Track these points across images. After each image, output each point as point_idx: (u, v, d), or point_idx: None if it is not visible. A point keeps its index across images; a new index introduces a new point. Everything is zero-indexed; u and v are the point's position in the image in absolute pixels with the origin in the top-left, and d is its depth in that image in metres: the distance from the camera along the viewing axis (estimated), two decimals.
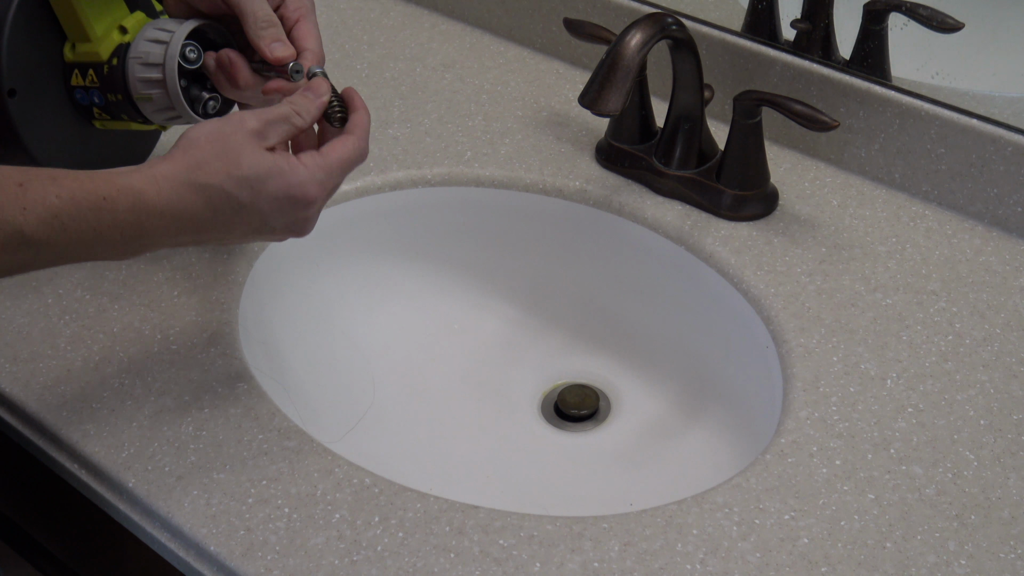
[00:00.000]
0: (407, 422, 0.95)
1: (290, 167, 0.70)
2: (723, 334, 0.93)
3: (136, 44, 0.82)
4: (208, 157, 0.69)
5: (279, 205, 0.71)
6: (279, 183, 0.70)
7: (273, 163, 0.70)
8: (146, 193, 0.67)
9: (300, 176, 0.71)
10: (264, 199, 0.70)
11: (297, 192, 0.70)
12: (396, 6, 1.24)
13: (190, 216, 0.69)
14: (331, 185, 0.73)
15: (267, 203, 0.70)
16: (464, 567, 0.69)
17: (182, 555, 0.72)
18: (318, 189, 0.71)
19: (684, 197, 0.97)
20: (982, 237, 0.94)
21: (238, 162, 0.69)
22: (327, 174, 0.72)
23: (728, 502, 0.73)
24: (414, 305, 1.03)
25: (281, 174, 0.70)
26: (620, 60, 0.85)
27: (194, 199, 0.68)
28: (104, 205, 0.66)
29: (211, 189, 0.68)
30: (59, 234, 0.65)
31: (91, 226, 0.66)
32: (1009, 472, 0.75)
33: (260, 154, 0.70)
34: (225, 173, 0.69)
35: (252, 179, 0.69)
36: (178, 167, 0.69)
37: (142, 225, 0.68)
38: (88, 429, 0.78)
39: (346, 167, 0.73)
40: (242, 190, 0.69)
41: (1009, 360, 0.83)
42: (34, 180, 0.65)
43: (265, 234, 0.73)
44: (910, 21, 0.96)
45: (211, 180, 0.68)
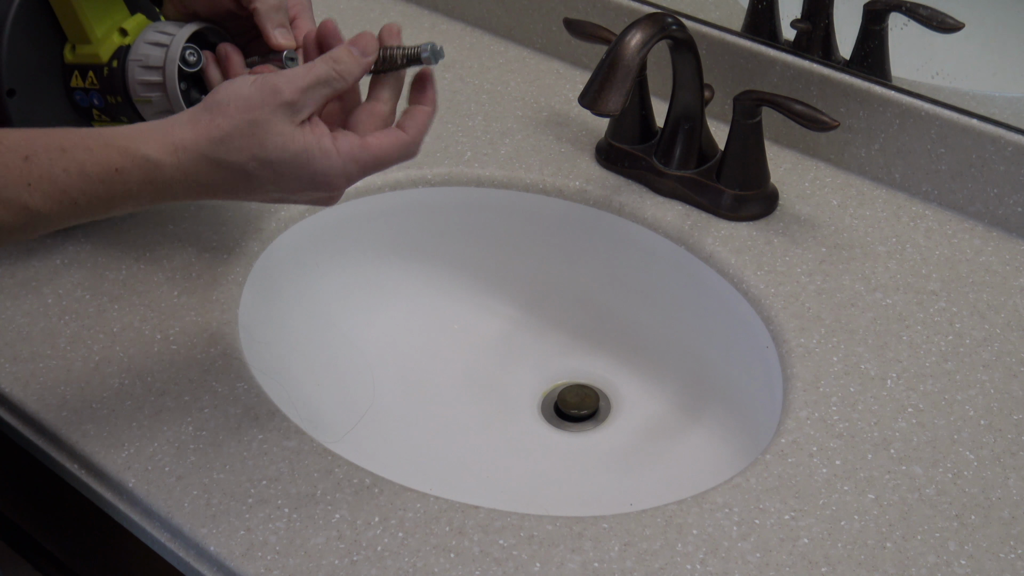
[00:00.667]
0: (407, 422, 0.95)
1: (321, 153, 0.66)
2: (723, 334, 0.93)
3: (136, 46, 0.82)
4: (233, 132, 0.64)
5: (301, 187, 0.67)
6: (304, 170, 0.66)
7: (303, 148, 0.65)
8: (163, 165, 0.64)
9: (329, 165, 0.66)
10: (286, 181, 0.66)
11: (321, 180, 0.66)
12: (396, 6, 1.24)
13: (205, 185, 0.65)
14: (360, 178, 0.68)
15: (289, 184, 0.66)
16: (464, 567, 0.69)
17: (182, 555, 0.72)
18: (344, 182, 0.67)
19: (684, 197, 0.97)
20: (982, 237, 0.94)
21: (264, 143, 0.65)
22: (360, 168, 0.67)
23: (728, 502, 0.73)
24: (414, 305, 1.03)
25: (309, 161, 0.65)
26: (620, 60, 0.85)
27: (212, 173, 0.65)
28: (116, 177, 0.63)
29: (232, 167, 0.65)
30: (68, 208, 0.63)
31: (101, 198, 0.63)
32: (1009, 472, 0.75)
33: (289, 135, 0.65)
34: (249, 154, 0.65)
35: (276, 163, 0.65)
36: (200, 137, 0.64)
37: (154, 196, 0.65)
38: (88, 429, 0.78)
39: (385, 164, 0.68)
40: (264, 171, 0.65)
41: (1009, 360, 0.83)
42: (41, 153, 0.62)
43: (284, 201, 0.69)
44: (910, 21, 0.96)
45: (233, 158, 0.65)
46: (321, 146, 0.66)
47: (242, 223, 0.94)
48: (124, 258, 0.91)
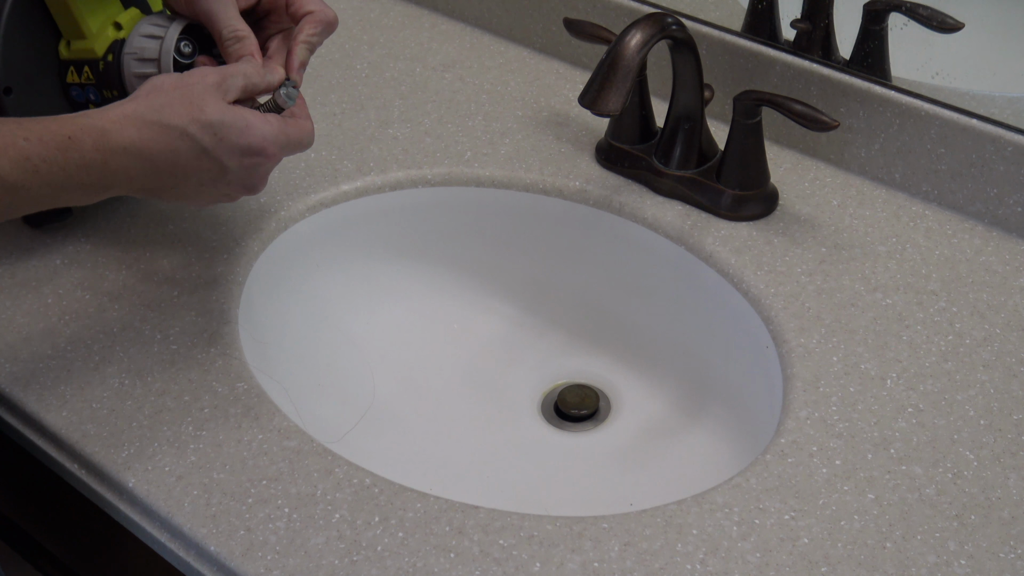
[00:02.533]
0: (407, 422, 0.95)
1: (255, 120, 0.72)
2: (723, 334, 0.93)
3: (131, 40, 0.82)
4: (173, 100, 0.70)
5: (239, 154, 0.72)
6: (242, 133, 0.72)
7: (238, 114, 0.72)
8: (110, 132, 0.68)
9: (262, 131, 0.73)
10: (225, 146, 0.71)
11: (257, 143, 0.73)
12: (396, 6, 1.24)
13: (150, 155, 0.70)
14: (285, 153, 0.75)
15: (227, 150, 0.72)
16: (464, 567, 0.69)
17: (182, 555, 0.72)
18: (276, 148, 0.74)
19: (684, 197, 0.97)
20: (982, 237, 0.94)
21: (202, 107, 0.71)
22: (287, 140, 0.74)
23: (728, 502, 0.73)
24: (414, 305, 1.03)
25: (246, 126, 0.72)
26: (620, 60, 0.85)
27: (156, 137, 0.70)
28: (70, 144, 0.67)
29: (175, 130, 0.70)
30: (31, 176, 0.66)
31: (60, 166, 0.67)
32: (1009, 472, 0.75)
33: (222, 104, 0.72)
34: (190, 116, 0.70)
35: (216, 124, 0.71)
36: (141, 107, 0.70)
37: (107, 163, 0.69)
38: (88, 429, 0.78)
39: (298, 147, 0.76)
40: (205, 134, 0.71)
41: (1009, 360, 0.83)
42: (2, 125, 0.66)
43: (220, 186, 0.74)
44: (910, 21, 0.96)
45: (175, 121, 0.70)
46: (255, 114, 0.73)
47: (242, 223, 0.94)
48: (124, 258, 0.91)
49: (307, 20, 0.80)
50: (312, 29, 0.80)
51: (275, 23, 0.82)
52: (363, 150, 1.03)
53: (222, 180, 0.73)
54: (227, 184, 0.74)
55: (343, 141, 1.04)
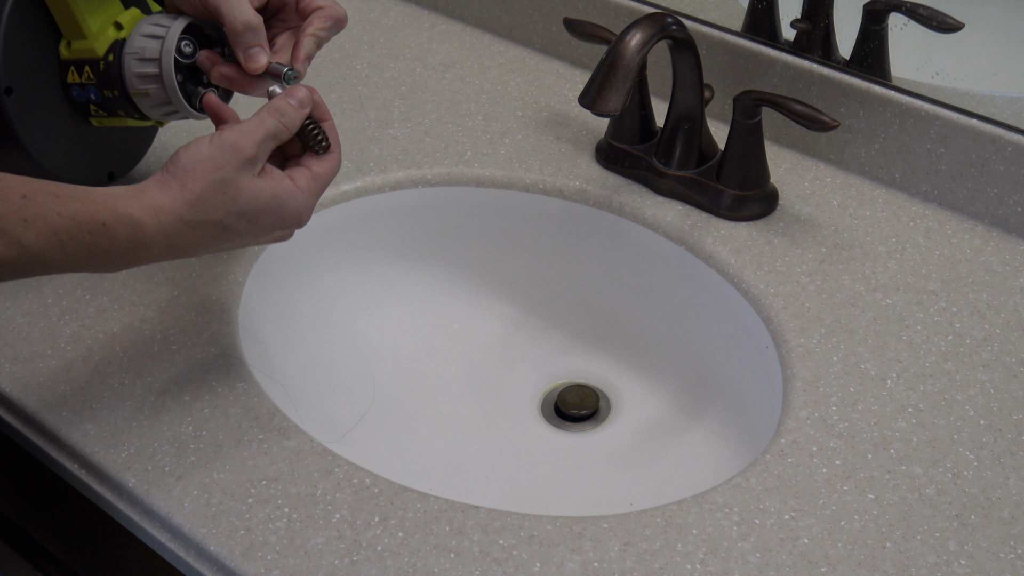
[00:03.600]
0: (407, 422, 0.95)
1: (288, 195, 0.72)
2: (723, 334, 0.93)
3: (132, 40, 0.82)
4: (207, 193, 0.70)
5: (272, 228, 0.73)
6: (277, 213, 0.72)
7: (272, 195, 0.72)
8: (145, 225, 0.68)
9: (297, 203, 0.73)
10: (259, 226, 0.72)
11: (292, 218, 0.73)
12: (396, 6, 1.24)
13: (186, 245, 0.71)
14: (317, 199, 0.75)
15: (262, 229, 0.73)
16: (464, 567, 0.69)
17: (182, 555, 0.72)
18: (309, 212, 0.74)
19: (684, 197, 0.97)
20: (982, 237, 0.94)
21: (236, 198, 0.70)
22: (316, 195, 0.75)
23: (728, 502, 0.73)
24: (414, 305, 1.03)
25: (280, 205, 0.72)
26: (620, 60, 0.85)
27: (191, 232, 0.70)
28: (103, 231, 0.67)
29: (209, 224, 0.70)
30: (56, 251, 0.66)
31: (87, 248, 0.67)
32: (1009, 472, 0.75)
33: (257, 185, 0.71)
34: (224, 210, 0.70)
35: (251, 213, 0.71)
36: (177, 202, 0.69)
37: (137, 252, 0.69)
38: (88, 429, 0.78)
39: (328, 182, 0.76)
40: (240, 222, 0.71)
41: (1009, 360, 0.83)
42: (38, 194, 0.66)
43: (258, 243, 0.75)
44: (910, 21, 0.96)
45: (210, 216, 0.70)
46: (286, 189, 0.73)
47: None
48: None
49: (317, 14, 0.80)
50: (322, 24, 0.80)
51: (283, 21, 0.82)
52: (363, 150, 1.03)
53: (258, 241, 0.74)
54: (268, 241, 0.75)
55: (343, 141, 1.04)
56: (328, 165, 0.75)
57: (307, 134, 0.76)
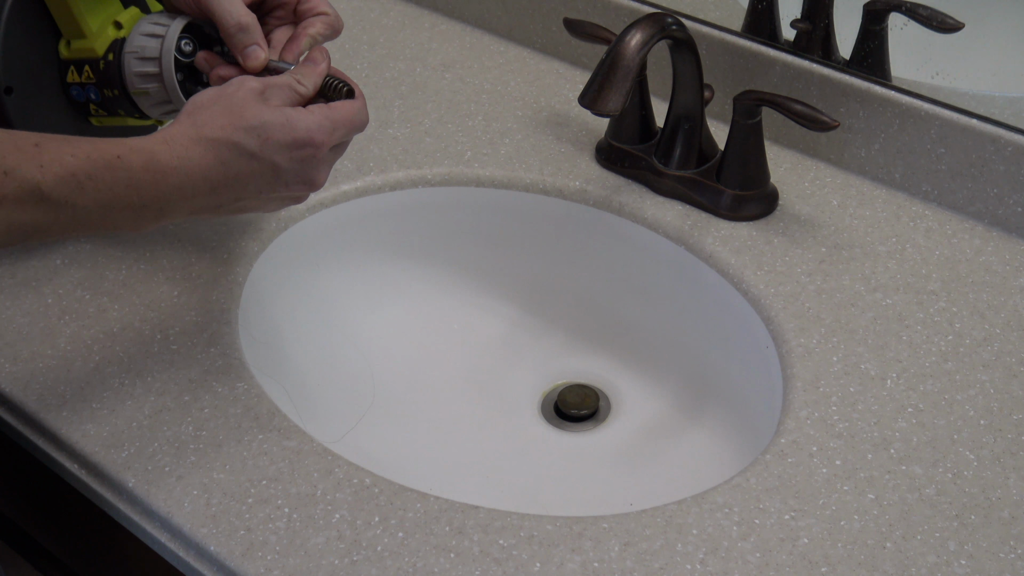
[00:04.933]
0: (407, 422, 0.95)
1: (296, 114, 0.72)
2: (723, 334, 0.93)
3: (131, 39, 0.82)
4: (213, 115, 0.71)
5: (288, 150, 0.72)
6: (286, 129, 0.71)
7: (279, 111, 0.72)
8: (158, 152, 0.68)
9: (306, 122, 0.72)
10: (272, 145, 0.71)
11: (303, 136, 0.72)
12: (396, 6, 1.24)
13: (202, 172, 0.70)
14: (336, 137, 0.74)
15: (275, 149, 0.71)
16: (464, 567, 0.69)
17: (182, 555, 0.72)
18: (324, 135, 0.73)
19: (684, 197, 0.97)
20: (982, 237, 0.94)
21: (242, 114, 0.71)
22: (333, 125, 0.73)
23: (728, 502, 0.73)
24: (414, 305, 1.03)
25: (287, 121, 0.71)
26: (620, 60, 0.85)
27: (204, 153, 0.70)
28: (118, 164, 0.67)
29: (219, 143, 0.70)
30: (76, 193, 0.66)
31: (107, 185, 0.66)
32: (1009, 472, 0.75)
33: (263, 106, 0.72)
34: (231, 126, 0.70)
35: (258, 127, 0.71)
36: (185, 126, 0.70)
37: (157, 184, 0.68)
38: (88, 429, 0.78)
39: (350, 127, 0.74)
40: (249, 138, 0.70)
41: (1009, 360, 0.83)
42: (49, 141, 0.66)
43: (279, 188, 0.73)
44: (910, 21, 0.96)
45: (218, 134, 0.70)
46: (295, 111, 0.72)
47: (242, 223, 0.94)
48: (124, 258, 0.91)
49: (318, 19, 0.81)
50: (320, 28, 0.81)
51: (279, 19, 0.82)
52: (363, 150, 1.03)
53: (279, 181, 0.73)
54: (285, 184, 0.73)
55: None
56: (345, 107, 0.74)
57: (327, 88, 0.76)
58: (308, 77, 0.75)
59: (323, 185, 0.76)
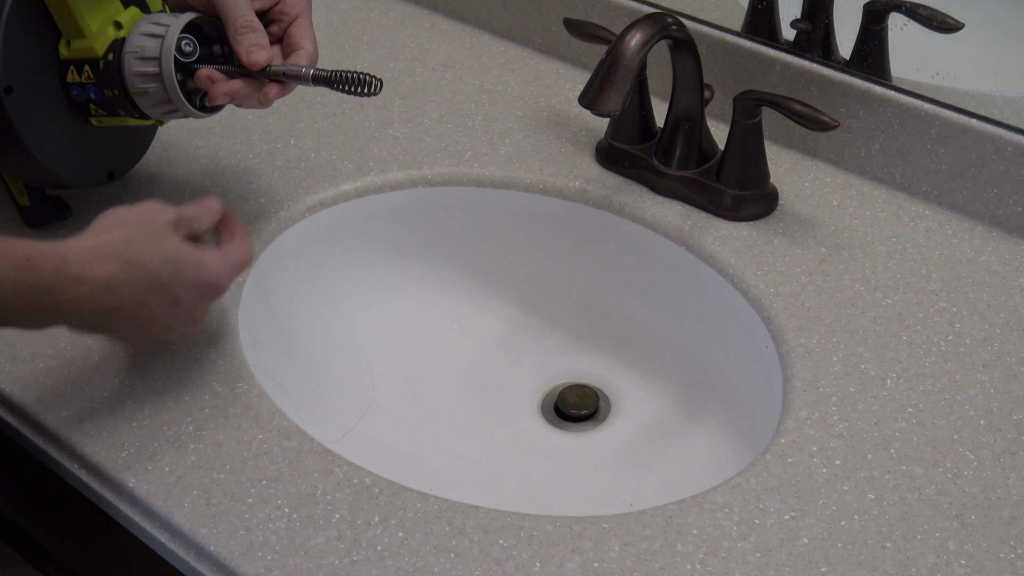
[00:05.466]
0: (407, 422, 0.95)
1: (209, 258, 0.75)
2: (723, 334, 0.93)
3: (131, 39, 0.82)
4: (135, 235, 0.72)
5: (193, 289, 0.74)
6: (198, 270, 0.74)
7: (195, 252, 0.74)
8: (70, 261, 0.69)
9: (217, 265, 0.75)
10: (182, 281, 0.73)
11: (212, 279, 0.75)
12: (396, 6, 1.24)
13: (109, 286, 0.70)
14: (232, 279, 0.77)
15: (184, 285, 0.73)
16: (464, 567, 0.69)
17: (182, 555, 0.72)
18: (227, 280, 0.76)
19: (684, 197, 0.97)
20: (982, 237, 0.94)
21: (163, 244, 0.73)
22: (233, 270, 0.77)
23: (728, 502, 0.73)
24: (414, 305, 1.03)
25: (200, 263, 0.74)
26: (620, 60, 0.85)
27: (120, 270, 0.70)
28: (27, 265, 0.67)
29: (136, 264, 0.71)
30: None
31: (12, 285, 0.66)
32: (1009, 472, 0.75)
33: (181, 243, 0.74)
34: (152, 250, 0.72)
35: (176, 261, 0.73)
36: (104, 241, 0.71)
37: (62, 292, 0.68)
38: (88, 429, 0.78)
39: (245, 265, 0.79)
40: (165, 269, 0.72)
41: (1009, 360, 0.83)
42: None
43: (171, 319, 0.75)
44: (910, 21, 0.96)
45: (139, 255, 0.71)
46: (207, 254, 0.76)
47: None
48: None
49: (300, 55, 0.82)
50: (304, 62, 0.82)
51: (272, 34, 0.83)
52: (363, 150, 1.03)
53: (173, 313, 0.74)
54: (174, 316, 0.75)
55: (343, 141, 1.04)
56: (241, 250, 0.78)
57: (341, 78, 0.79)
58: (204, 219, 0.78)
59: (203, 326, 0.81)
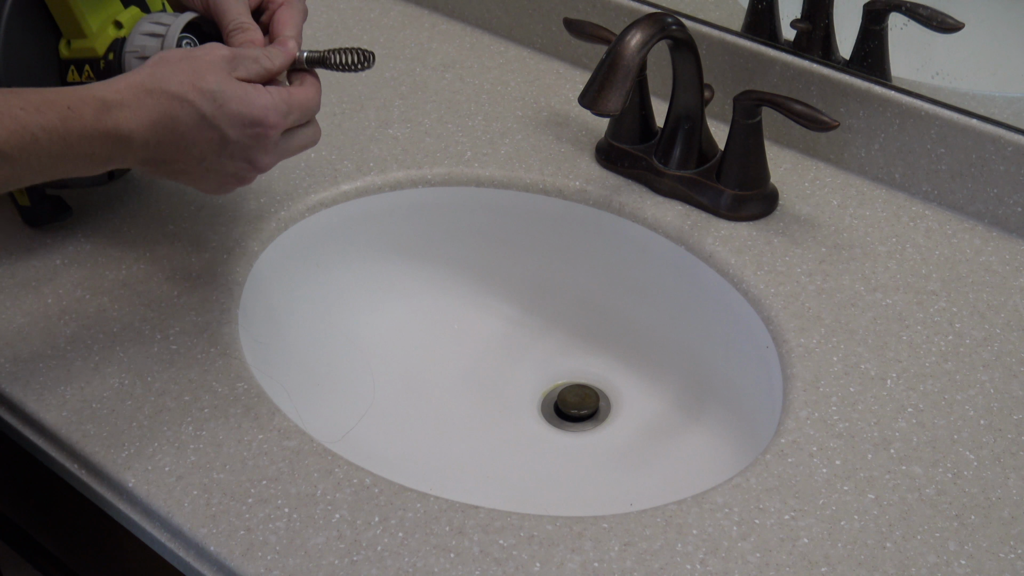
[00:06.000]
0: (407, 422, 0.95)
1: (255, 91, 0.73)
2: (723, 334, 0.93)
3: (132, 38, 0.82)
4: (176, 70, 0.71)
5: (240, 124, 0.72)
6: (242, 102, 0.72)
7: (239, 85, 0.72)
8: (109, 101, 0.68)
9: (263, 100, 0.73)
10: (225, 115, 0.71)
11: (259, 113, 0.72)
12: (396, 6, 1.24)
13: (151, 121, 0.70)
14: (290, 121, 0.75)
15: (228, 119, 0.71)
16: (464, 567, 0.69)
17: (182, 555, 0.72)
18: (278, 117, 0.73)
19: (684, 197, 0.97)
20: (982, 237, 0.94)
21: (204, 76, 0.71)
22: (288, 108, 0.74)
23: (728, 502, 0.73)
24: (414, 305, 1.03)
25: (245, 95, 0.72)
26: (620, 60, 0.85)
27: (156, 104, 0.70)
28: (70, 115, 0.67)
29: (173, 97, 0.70)
30: (31, 145, 0.66)
31: (60, 136, 0.66)
32: (1009, 472, 0.75)
33: (226, 75, 0.72)
34: (190, 84, 0.70)
35: (216, 93, 0.71)
36: (143, 76, 0.70)
37: (108, 133, 0.68)
38: (88, 429, 0.78)
39: (304, 111, 0.75)
40: (204, 101, 0.71)
41: (1009, 360, 0.83)
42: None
43: (223, 160, 0.73)
44: (910, 21, 0.96)
45: (175, 88, 0.70)
46: (255, 88, 0.73)
47: (242, 223, 0.94)
48: (124, 258, 0.91)
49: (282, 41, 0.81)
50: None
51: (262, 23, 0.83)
52: (363, 150, 1.03)
53: (224, 152, 0.73)
54: (230, 157, 0.73)
55: (343, 141, 1.04)
56: (302, 90, 0.76)
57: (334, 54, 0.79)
58: (277, 56, 0.76)
59: (267, 169, 0.76)
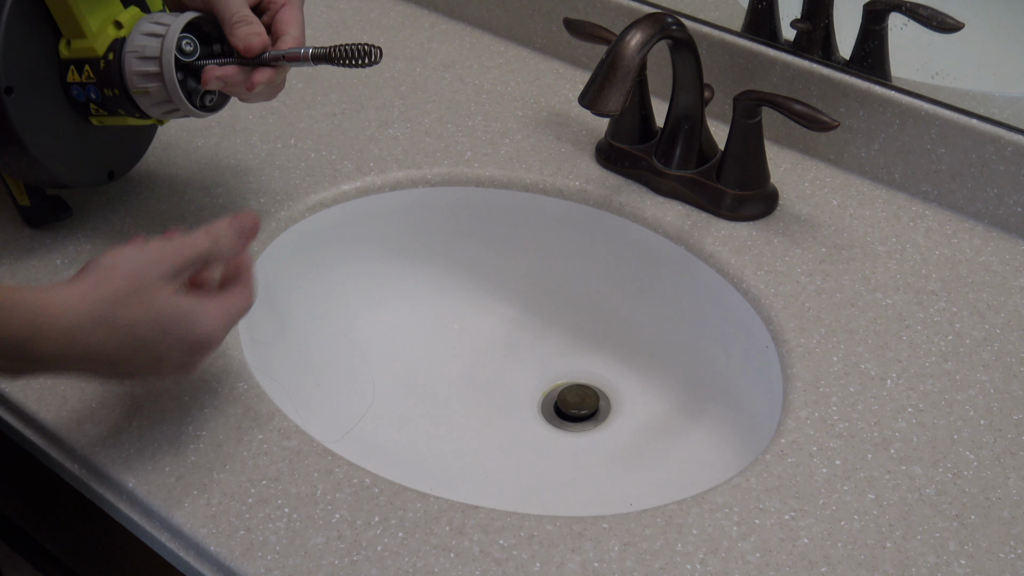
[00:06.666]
0: (407, 422, 0.95)
1: (203, 313, 0.71)
2: (723, 334, 0.93)
3: (132, 38, 0.82)
4: (122, 292, 0.68)
5: (182, 348, 0.70)
6: (188, 330, 0.70)
7: (186, 309, 0.70)
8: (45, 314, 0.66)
9: (209, 323, 0.71)
10: (169, 340, 0.70)
11: (202, 339, 0.71)
12: (396, 6, 1.24)
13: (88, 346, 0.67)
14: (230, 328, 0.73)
15: (170, 345, 0.70)
16: (464, 567, 0.69)
17: (182, 555, 0.72)
18: (222, 334, 0.72)
19: (684, 197, 0.97)
20: (982, 237, 0.94)
21: (151, 304, 0.69)
22: (231, 320, 0.73)
23: (728, 502, 0.73)
24: (414, 305, 1.03)
25: (192, 321, 0.70)
26: (620, 60, 0.85)
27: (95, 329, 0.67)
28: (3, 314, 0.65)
29: (119, 325, 0.68)
30: None
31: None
32: (1009, 472, 0.75)
33: (173, 299, 0.70)
34: (139, 313, 0.68)
35: (164, 321, 0.69)
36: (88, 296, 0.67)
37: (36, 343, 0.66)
38: (88, 429, 0.78)
39: (240, 317, 0.74)
40: (151, 330, 0.69)
41: (1009, 360, 0.83)
42: None
43: (153, 372, 0.72)
44: (910, 21, 0.96)
45: (121, 317, 0.68)
46: (203, 309, 0.71)
47: None
48: None
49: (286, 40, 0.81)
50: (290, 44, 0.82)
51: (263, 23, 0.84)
52: (363, 150, 1.03)
53: (159, 367, 0.71)
54: (159, 372, 0.72)
55: (343, 141, 1.04)
56: (242, 297, 0.74)
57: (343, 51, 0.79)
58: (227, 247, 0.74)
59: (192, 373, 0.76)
